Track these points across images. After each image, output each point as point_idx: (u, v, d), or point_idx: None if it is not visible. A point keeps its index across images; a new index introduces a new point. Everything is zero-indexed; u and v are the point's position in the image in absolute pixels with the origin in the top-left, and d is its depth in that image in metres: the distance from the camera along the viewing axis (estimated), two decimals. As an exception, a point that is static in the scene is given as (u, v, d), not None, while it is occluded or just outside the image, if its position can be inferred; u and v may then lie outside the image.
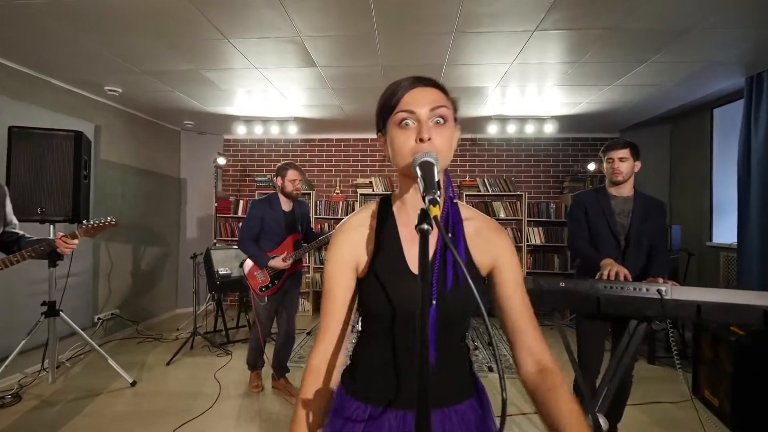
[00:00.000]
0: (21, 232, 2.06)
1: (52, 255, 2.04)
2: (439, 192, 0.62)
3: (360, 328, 0.90)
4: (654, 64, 3.05)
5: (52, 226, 2.85)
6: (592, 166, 5.05)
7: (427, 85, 0.78)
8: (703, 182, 4.39)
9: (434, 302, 0.76)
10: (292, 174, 2.81)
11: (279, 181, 2.86)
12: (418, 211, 0.60)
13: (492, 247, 0.84)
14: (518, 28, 2.51)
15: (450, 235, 0.80)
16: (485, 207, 5.27)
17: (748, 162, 3.26)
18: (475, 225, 0.85)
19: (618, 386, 2.23)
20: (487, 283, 0.86)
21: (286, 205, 2.90)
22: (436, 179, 0.67)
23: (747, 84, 3.30)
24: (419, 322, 0.55)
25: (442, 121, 0.76)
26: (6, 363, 2.68)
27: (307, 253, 3.06)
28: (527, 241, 5.16)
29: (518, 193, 5.21)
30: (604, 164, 2.13)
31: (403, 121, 0.76)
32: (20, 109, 3.18)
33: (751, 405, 2.47)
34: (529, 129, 4.69)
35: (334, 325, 0.84)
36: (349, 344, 0.89)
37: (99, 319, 4.04)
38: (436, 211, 0.58)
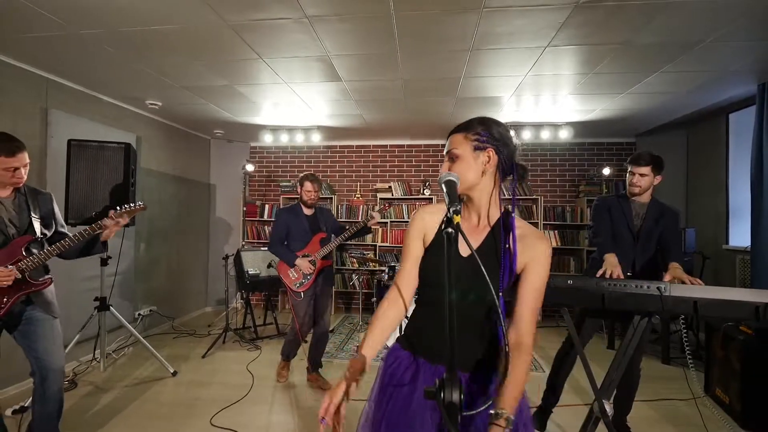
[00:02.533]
0: (69, 234, 2.25)
1: (96, 247, 2.23)
2: (460, 205, 0.83)
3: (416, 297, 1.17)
4: (666, 74, 3.17)
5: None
6: (607, 171, 5.14)
7: (455, 132, 1.11)
8: (719, 186, 4.45)
9: (501, 293, 0.99)
10: (307, 186, 3.13)
11: (298, 189, 3.19)
12: (455, 219, 0.81)
13: (531, 250, 1.05)
14: (531, 44, 2.68)
15: (507, 245, 1.06)
16: (501, 210, 5.41)
17: (761, 167, 3.33)
18: (522, 231, 1.08)
19: (626, 380, 2.41)
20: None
21: (308, 210, 3.20)
22: (458, 192, 0.90)
23: (759, 90, 3.38)
24: (447, 297, 0.77)
25: (457, 156, 1.06)
26: (66, 351, 2.97)
27: (334, 249, 3.30)
28: (543, 244, 5.26)
29: (534, 197, 5.34)
30: (628, 173, 2.39)
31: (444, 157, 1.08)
32: (74, 122, 3.51)
33: (759, 402, 2.56)
34: (545, 135, 4.82)
35: (407, 267, 1.14)
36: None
37: (139, 314, 4.36)
38: (458, 219, 0.79)
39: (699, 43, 2.65)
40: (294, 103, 4.09)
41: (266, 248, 4.69)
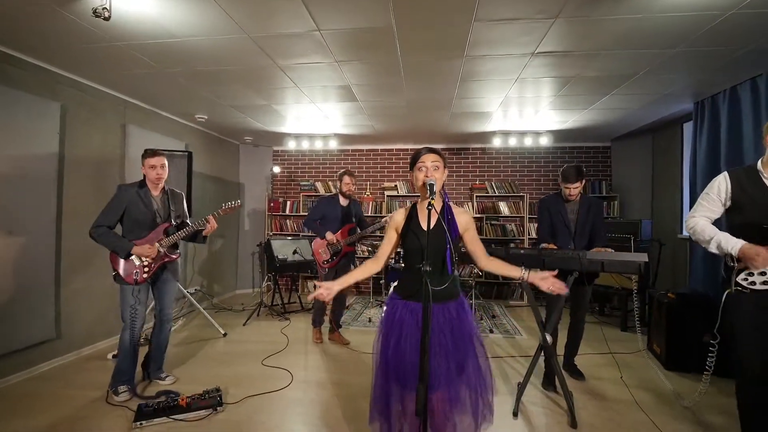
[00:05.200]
0: (190, 223, 3.14)
1: (198, 237, 3.12)
2: (435, 196, 1.66)
3: (402, 264, 1.96)
4: (616, 96, 3.99)
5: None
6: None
7: (432, 153, 1.83)
8: (675, 185, 5.24)
9: (448, 246, 1.77)
10: (346, 179, 3.99)
11: (338, 183, 4.02)
12: (426, 206, 1.63)
13: (464, 221, 1.88)
14: (505, 77, 3.51)
15: (448, 217, 1.83)
16: (492, 206, 6.24)
17: (695, 170, 4.14)
18: (455, 211, 1.89)
19: (573, 329, 3.22)
20: (462, 237, 1.91)
21: (343, 202, 4.04)
22: (434, 190, 1.71)
23: (695, 108, 4.19)
24: (426, 256, 1.58)
25: (437, 168, 1.82)
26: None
27: (358, 239, 4.15)
28: (528, 235, 6.10)
29: (521, 194, 6.17)
30: (562, 187, 3.05)
31: (420, 168, 1.82)
32: (143, 134, 4.37)
33: (677, 349, 3.39)
34: (528, 142, 5.64)
35: (384, 250, 1.94)
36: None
37: (188, 291, 5.23)
38: (434, 202, 1.62)
39: (633, 76, 3.46)
40: (316, 117, 4.94)
41: (290, 238, 5.56)
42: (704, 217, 2.17)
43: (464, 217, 1.89)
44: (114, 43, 2.89)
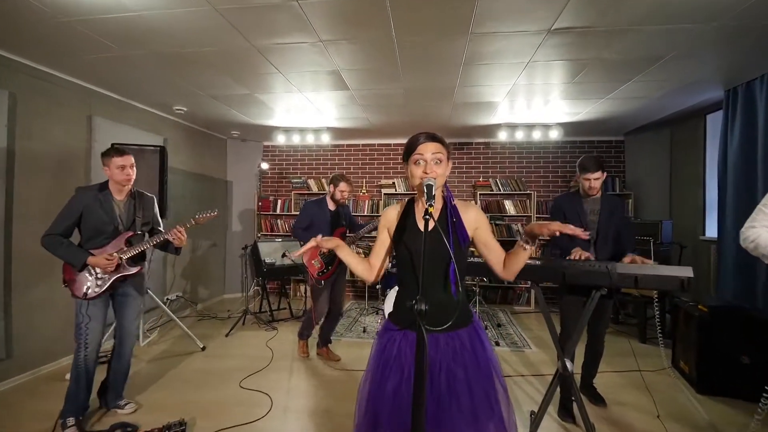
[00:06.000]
0: (162, 231, 2.74)
1: (169, 247, 2.73)
2: (434, 200, 1.24)
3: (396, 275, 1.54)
4: (637, 83, 3.55)
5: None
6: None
7: (432, 140, 1.40)
8: (697, 182, 4.81)
9: (453, 259, 1.33)
10: (342, 186, 3.49)
11: (331, 187, 3.54)
12: (423, 213, 1.22)
13: (472, 218, 1.46)
14: (515, 60, 3.08)
15: (453, 219, 1.41)
16: (497, 205, 5.82)
17: (725, 166, 3.71)
18: (461, 207, 1.47)
19: (592, 348, 2.81)
20: (473, 240, 1.48)
21: (332, 206, 3.59)
22: (434, 193, 1.29)
23: (725, 97, 3.75)
24: (421, 284, 1.15)
25: (439, 161, 1.38)
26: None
27: (352, 243, 3.72)
28: (536, 236, 5.67)
29: (528, 192, 5.74)
30: (581, 179, 2.61)
31: (417, 161, 1.38)
32: (113, 127, 3.95)
33: (711, 369, 2.98)
34: (537, 134, 5.21)
35: (377, 257, 1.55)
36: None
37: (167, 299, 4.84)
38: (432, 210, 1.20)
39: (660, 59, 3.03)
40: (306, 108, 4.52)
41: (280, 239, 5.15)
42: (766, 227, 1.78)
43: (472, 213, 1.47)
44: (60, 18, 2.47)
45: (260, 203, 6.10)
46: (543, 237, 1.37)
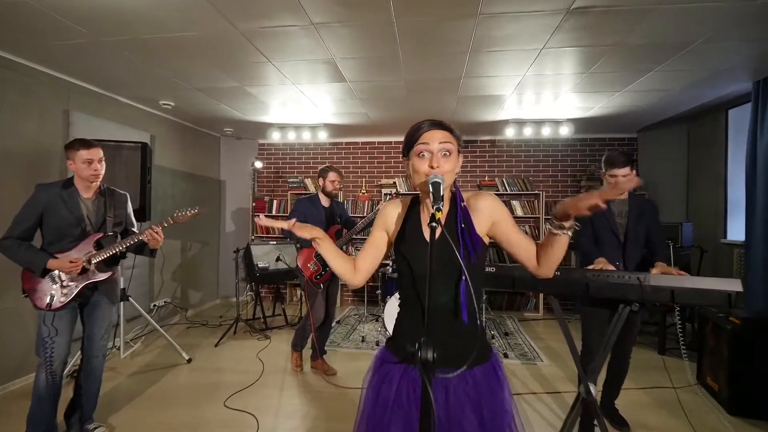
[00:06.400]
0: (136, 232, 2.45)
1: (144, 249, 2.45)
2: (442, 203, 0.96)
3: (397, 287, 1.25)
4: (660, 73, 3.26)
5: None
6: (608, 166, 5.22)
7: (439, 128, 1.12)
8: (717, 181, 4.52)
9: (465, 276, 1.04)
10: (332, 176, 3.27)
11: (321, 181, 3.31)
12: (429, 218, 0.94)
13: (486, 209, 1.17)
14: (528, 47, 2.79)
15: (462, 225, 1.11)
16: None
17: (755, 163, 3.42)
18: (471, 205, 1.17)
19: (616, 367, 2.52)
20: (494, 238, 1.20)
21: (325, 202, 3.34)
22: (442, 193, 1.01)
23: (754, 88, 3.46)
24: (426, 326, 0.87)
25: (448, 153, 1.11)
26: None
27: (348, 241, 3.45)
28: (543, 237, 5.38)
29: (536, 192, 5.45)
30: (606, 176, 2.32)
31: (421, 153, 1.11)
32: (93, 122, 3.69)
33: (746, 389, 2.68)
34: (546, 131, 4.91)
35: (365, 259, 1.26)
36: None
37: (154, 305, 4.57)
38: (439, 215, 0.92)
39: (689, 45, 2.74)
40: (301, 103, 4.24)
41: (275, 242, 4.88)
42: None
43: (486, 204, 1.18)
44: (18, -3, 2.20)
45: (254, 204, 5.82)
46: (582, 214, 1.02)
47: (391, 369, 1.14)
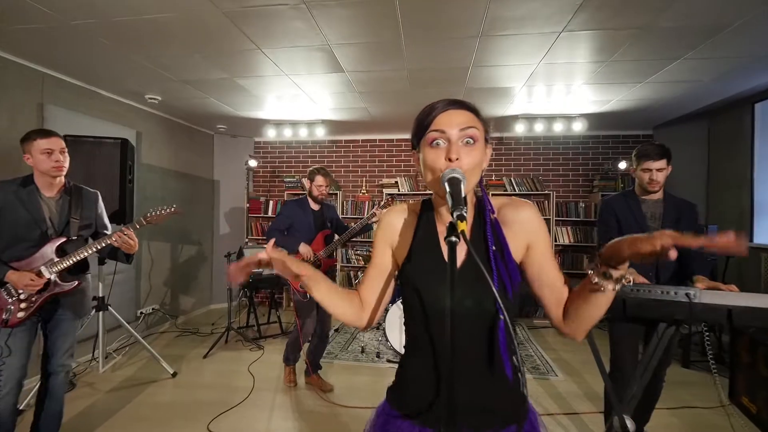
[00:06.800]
0: (109, 234, 2.16)
1: (118, 254, 2.16)
2: (465, 208, 0.67)
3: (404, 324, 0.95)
4: (688, 61, 2.97)
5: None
6: (623, 165, 4.93)
7: (460, 108, 0.82)
8: (743, 181, 4.22)
9: (502, 317, 0.74)
10: (319, 180, 3.03)
11: (308, 183, 3.07)
12: (450, 222, 0.65)
13: (524, 226, 0.86)
14: (545, 29, 2.50)
15: (493, 247, 0.82)
16: (512, 206, 5.23)
17: (791, 160, 3.12)
18: (503, 218, 0.87)
19: (648, 389, 2.23)
20: (521, 265, 0.88)
21: (314, 206, 3.09)
22: (464, 194, 0.72)
23: (790, 78, 3.16)
24: (448, 335, 0.62)
25: (471, 141, 0.80)
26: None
27: (337, 247, 3.20)
28: (555, 241, 5.10)
29: (546, 192, 5.15)
30: (638, 171, 2.07)
31: (435, 141, 0.81)
32: (72, 117, 3.42)
33: (791, 413, 2.39)
34: (557, 127, 4.62)
35: (369, 281, 0.96)
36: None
37: (141, 313, 4.30)
38: (463, 226, 0.64)
39: (725, 28, 2.45)
40: (297, 97, 3.96)
41: (269, 246, 4.59)
42: None
43: (525, 217, 0.86)
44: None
45: (248, 204, 5.54)
46: (642, 261, 0.72)
47: (399, 426, 0.86)
